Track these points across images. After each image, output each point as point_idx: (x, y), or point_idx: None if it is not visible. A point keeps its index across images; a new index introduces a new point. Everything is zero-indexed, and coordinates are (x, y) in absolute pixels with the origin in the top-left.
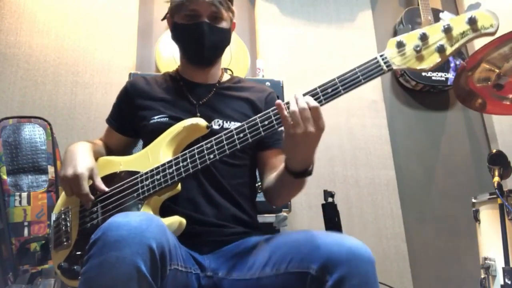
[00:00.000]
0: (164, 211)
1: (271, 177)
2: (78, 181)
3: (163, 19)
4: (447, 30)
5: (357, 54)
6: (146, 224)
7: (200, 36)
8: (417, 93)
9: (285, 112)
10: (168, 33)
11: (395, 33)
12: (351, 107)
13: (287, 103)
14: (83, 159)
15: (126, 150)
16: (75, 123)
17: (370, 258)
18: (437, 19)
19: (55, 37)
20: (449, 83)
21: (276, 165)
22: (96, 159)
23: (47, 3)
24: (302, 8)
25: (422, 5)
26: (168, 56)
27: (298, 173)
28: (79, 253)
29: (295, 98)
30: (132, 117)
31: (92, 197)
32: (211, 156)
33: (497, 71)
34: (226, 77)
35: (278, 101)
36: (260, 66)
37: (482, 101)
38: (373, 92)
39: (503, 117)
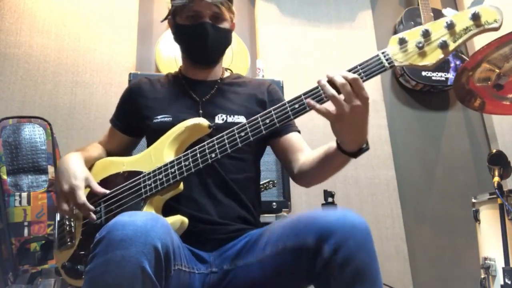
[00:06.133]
0: (167, 210)
1: (309, 158)
2: (74, 192)
3: (163, 21)
4: (450, 26)
5: (357, 54)
6: (151, 224)
7: (203, 36)
8: (417, 93)
9: (317, 106)
10: (168, 33)
11: (395, 33)
12: None
13: (318, 88)
14: (75, 170)
15: (127, 151)
16: (75, 123)
17: (365, 224)
18: (437, 19)
19: (55, 37)
20: (449, 83)
21: (300, 146)
22: (93, 163)
23: (47, 3)
24: (302, 8)
25: (422, 5)
26: (168, 56)
27: (354, 153)
28: (82, 252)
29: (330, 78)
30: (136, 117)
31: (92, 207)
32: (213, 155)
33: (498, 71)
34: (226, 74)
35: (310, 100)
36: (260, 66)
37: (482, 101)
38: (373, 92)
39: (503, 117)
